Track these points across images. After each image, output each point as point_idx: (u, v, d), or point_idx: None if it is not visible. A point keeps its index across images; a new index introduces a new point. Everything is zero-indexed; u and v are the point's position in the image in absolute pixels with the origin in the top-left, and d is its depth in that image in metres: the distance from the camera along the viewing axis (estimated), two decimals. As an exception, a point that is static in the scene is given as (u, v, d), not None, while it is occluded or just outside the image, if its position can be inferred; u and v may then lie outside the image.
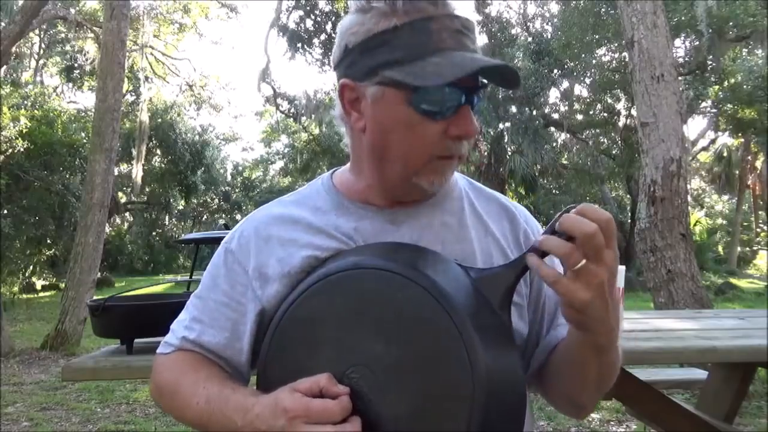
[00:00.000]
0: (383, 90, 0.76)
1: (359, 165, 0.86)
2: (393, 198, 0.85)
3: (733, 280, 14.83)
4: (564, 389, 0.84)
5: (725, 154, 21.94)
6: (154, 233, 24.57)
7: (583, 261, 0.63)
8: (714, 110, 15.35)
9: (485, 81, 0.79)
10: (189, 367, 0.83)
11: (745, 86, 12.52)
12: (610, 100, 15.87)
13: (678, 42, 12.77)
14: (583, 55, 13.64)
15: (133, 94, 18.33)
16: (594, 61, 14.34)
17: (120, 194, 20.69)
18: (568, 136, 17.86)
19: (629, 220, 17.31)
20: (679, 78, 6.79)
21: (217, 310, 0.85)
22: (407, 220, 0.84)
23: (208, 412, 0.76)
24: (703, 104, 14.50)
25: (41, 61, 19.96)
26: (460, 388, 0.63)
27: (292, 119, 21.10)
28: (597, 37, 12.65)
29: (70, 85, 19.01)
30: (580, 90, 17.26)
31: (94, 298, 2.37)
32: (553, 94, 17.28)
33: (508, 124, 16.32)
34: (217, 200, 28.17)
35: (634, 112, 8.59)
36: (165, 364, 0.86)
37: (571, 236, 0.64)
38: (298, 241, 0.83)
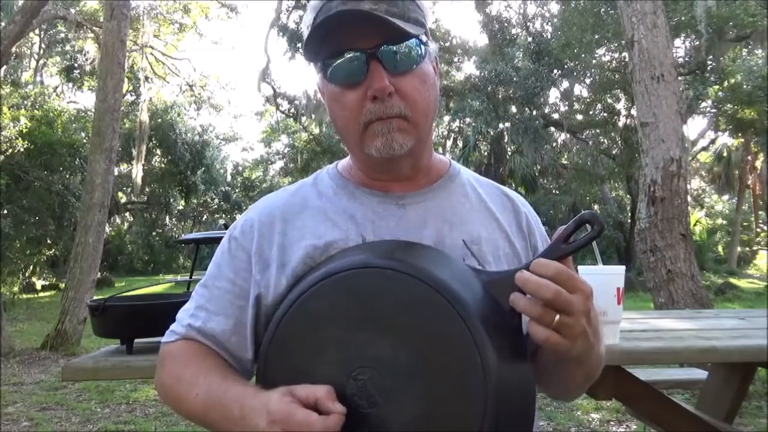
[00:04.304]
0: (320, 76, 0.83)
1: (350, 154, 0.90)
2: (380, 176, 0.86)
3: (733, 280, 14.83)
4: (551, 384, 0.86)
5: (725, 154, 21.92)
6: (154, 233, 24.56)
7: (557, 316, 0.65)
8: (714, 110, 15.36)
9: (389, 45, 0.77)
10: (191, 359, 0.83)
11: (745, 86, 12.51)
12: (610, 100, 15.88)
13: (678, 42, 12.78)
14: (583, 55, 13.64)
15: (133, 94, 18.34)
16: (594, 61, 14.34)
17: (120, 194, 20.71)
18: (568, 136, 17.87)
19: (629, 220, 17.32)
20: (679, 78, 6.80)
21: (222, 298, 0.85)
22: (413, 203, 0.85)
23: (206, 404, 0.75)
24: (703, 104, 14.50)
25: (41, 61, 19.95)
26: (472, 393, 0.62)
27: (292, 119, 21.12)
28: (597, 37, 12.66)
29: (70, 85, 19.01)
30: (580, 90, 17.29)
31: (94, 298, 2.37)
32: (553, 94, 17.31)
33: (508, 124, 16.33)
34: (217, 200, 28.16)
35: (634, 112, 8.59)
36: (170, 354, 0.86)
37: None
38: (300, 229, 0.84)
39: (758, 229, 24.61)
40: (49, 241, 14.11)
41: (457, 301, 0.64)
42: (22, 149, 11.38)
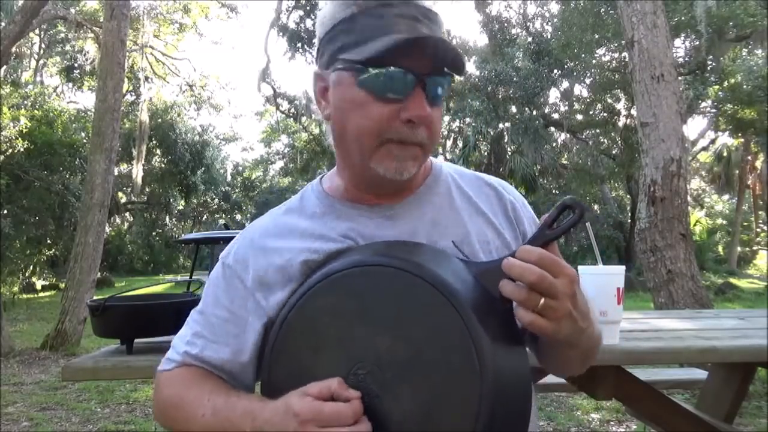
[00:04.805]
0: (340, 74, 0.79)
1: (337, 160, 0.88)
2: (371, 191, 0.86)
3: (733, 280, 14.82)
4: (552, 365, 0.89)
5: (725, 154, 21.93)
6: (154, 233, 24.57)
7: (542, 300, 0.66)
8: (714, 110, 15.36)
9: (449, 72, 0.78)
10: (192, 381, 0.82)
11: (745, 86, 12.52)
12: (610, 100, 15.88)
13: (678, 42, 12.79)
14: (583, 55, 13.65)
15: (133, 94, 18.34)
16: (594, 61, 14.35)
17: (120, 194, 20.71)
18: (568, 136, 17.88)
19: (629, 220, 17.32)
20: (679, 78, 6.80)
21: (219, 326, 0.84)
22: (401, 213, 0.85)
23: (214, 424, 0.75)
24: (703, 104, 14.51)
25: (41, 61, 19.96)
26: (468, 379, 0.63)
27: (292, 119, 21.13)
28: (597, 37, 12.67)
29: (70, 85, 19.02)
30: (580, 90, 17.30)
31: (94, 298, 2.36)
32: (553, 94, 17.32)
33: (508, 124, 16.33)
34: (217, 200, 28.18)
35: (634, 112, 8.59)
36: (168, 380, 0.85)
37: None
38: (295, 248, 0.83)
39: (758, 229, 24.61)
40: (49, 241, 14.12)
41: (449, 292, 0.66)
42: (22, 149, 11.38)
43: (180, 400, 0.81)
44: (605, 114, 16.36)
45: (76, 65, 17.86)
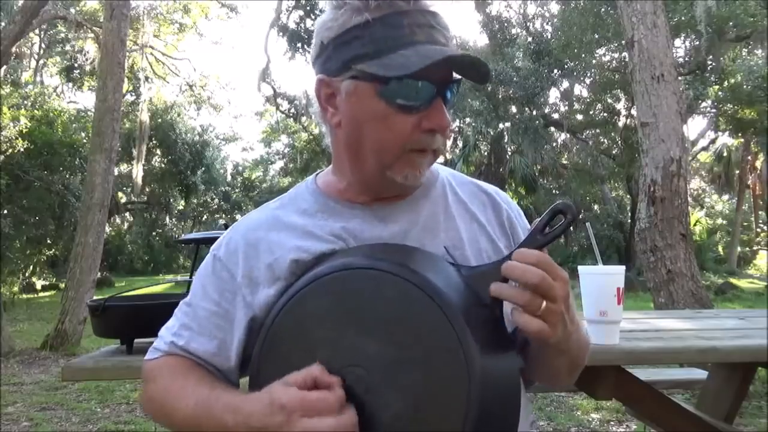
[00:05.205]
0: (356, 84, 0.77)
1: (339, 163, 0.87)
2: (373, 194, 0.85)
3: (733, 280, 14.82)
4: (539, 374, 0.88)
5: (725, 154, 21.92)
6: (154, 233, 24.55)
7: (544, 304, 0.66)
8: (714, 110, 15.36)
9: (458, 76, 0.79)
10: (178, 373, 0.82)
11: (745, 86, 12.53)
12: (610, 100, 15.88)
13: (678, 42, 12.79)
14: (583, 55, 13.66)
15: (133, 94, 18.32)
16: (594, 61, 14.35)
17: (120, 194, 20.69)
18: (568, 136, 17.87)
19: (629, 220, 17.32)
20: (679, 78, 6.80)
21: (206, 319, 0.84)
22: (394, 215, 0.85)
23: (197, 415, 0.74)
24: (703, 104, 14.51)
25: (41, 61, 19.95)
26: (456, 385, 0.63)
27: (292, 119, 21.14)
28: (597, 37, 12.68)
29: (70, 85, 19.01)
30: (580, 90, 17.30)
31: (94, 298, 2.36)
32: (553, 94, 17.31)
33: (508, 124, 16.33)
34: (217, 200, 28.14)
35: (634, 112, 8.60)
36: (154, 370, 0.85)
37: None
38: (285, 246, 0.83)
39: (758, 229, 24.59)
40: (49, 241, 14.10)
41: (437, 295, 0.66)
42: (22, 149, 11.36)
43: (166, 390, 0.81)
44: (605, 114, 16.37)
45: (76, 65, 17.84)
